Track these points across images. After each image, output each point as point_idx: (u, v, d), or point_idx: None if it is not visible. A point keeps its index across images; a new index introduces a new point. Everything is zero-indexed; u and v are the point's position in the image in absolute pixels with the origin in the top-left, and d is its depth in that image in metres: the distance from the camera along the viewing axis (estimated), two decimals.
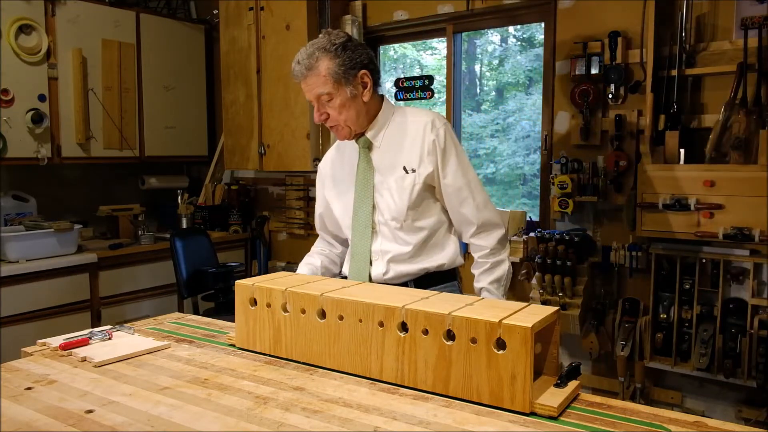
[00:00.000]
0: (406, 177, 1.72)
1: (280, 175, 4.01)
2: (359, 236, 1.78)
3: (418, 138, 1.73)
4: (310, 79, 1.67)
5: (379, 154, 1.77)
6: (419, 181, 1.71)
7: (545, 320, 1.15)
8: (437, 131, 1.72)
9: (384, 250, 1.76)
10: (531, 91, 5.06)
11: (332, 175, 1.91)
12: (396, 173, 1.73)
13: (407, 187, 1.71)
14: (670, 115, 2.56)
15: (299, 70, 1.68)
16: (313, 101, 1.71)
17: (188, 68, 4.16)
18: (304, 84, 1.69)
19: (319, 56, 1.65)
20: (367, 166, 1.77)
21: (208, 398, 1.16)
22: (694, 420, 1.08)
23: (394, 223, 1.74)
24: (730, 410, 2.61)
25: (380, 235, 1.77)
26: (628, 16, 2.69)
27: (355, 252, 1.80)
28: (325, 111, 1.70)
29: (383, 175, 1.75)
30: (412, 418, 1.08)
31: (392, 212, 1.73)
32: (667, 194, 2.46)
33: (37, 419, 1.07)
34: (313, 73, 1.66)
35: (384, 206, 1.75)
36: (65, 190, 3.79)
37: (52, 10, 3.37)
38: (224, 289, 3.16)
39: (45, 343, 1.47)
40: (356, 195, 1.79)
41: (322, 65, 1.65)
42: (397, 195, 1.72)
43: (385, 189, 1.75)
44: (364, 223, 1.77)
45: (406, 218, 1.72)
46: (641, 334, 2.67)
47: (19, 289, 3.00)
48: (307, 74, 1.67)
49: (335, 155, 1.94)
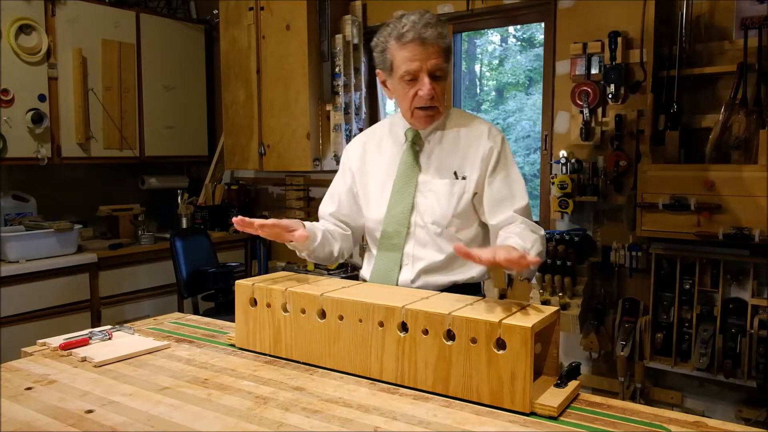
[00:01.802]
0: (456, 183, 1.62)
1: (280, 175, 4.01)
2: (391, 235, 1.66)
3: (473, 144, 1.63)
4: (436, 46, 1.50)
5: (427, 153, 1.66)
6: (469, 189, 1.61)
7: (545, 320, 1.15)
8: (494, 139, 1.63)
9: (417, 256, 1.64)
10: (531, 91, 5.06)
11: (363, 163, 1.76)
12: (444, 177, 1.63)
13: (456, 193, 1.61)
14: (670, 115, 2.55)
15: (430, 33, 1.49)
16: (422, 73, 1.52)
17: (188, 68, 4.16)
18: (425, 50, 1.50)
19: (443, 28, 1.50)
20: (412, 163, 1.65)
21: (208, 398, 1.16)
22: (694, 420, 1.08)
23: (434, 227, 1.62)
24: (730, 410, 2.61)
25: (414, 237, 1.64)
26: (628, 16, 2.69)
27: (384, 251, 1.68)
28: (434, 88, 1.53)
29: (429, 176, 1.64)
30: (412, 418, 1.08)
31: (435, 216, 1.62)
32: (667, 194, 2.46)
33: (37, 419, 1.07)
34: (439, 42, 1.50)
35: (425, 208, 1.63)
36: (65, 190, 3.79)
37: (52, 10, 3.37)
38: (224, 289, 3.16)
39: (45, 343, 1.47)
40: (394, 191, 1.66)
41: (446, 39, 1.50)
42: (444, 199, 1.61)
43: (429, 191, 1.63)
44: (399, 222, 1.64)
45: (449, 225, 1.61)
46: (641, 334, 2.67)
47: (19, 289, 3.00)
48: (434, 40, 1.49)
49: (370, 142, 1.78)
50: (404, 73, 1.54)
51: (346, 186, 1.79)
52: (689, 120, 2.59)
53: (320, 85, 3.50)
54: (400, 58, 1.54)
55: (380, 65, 1.63)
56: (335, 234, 1.76)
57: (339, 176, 1.83)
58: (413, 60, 1.51)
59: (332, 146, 3.50)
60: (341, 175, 1.81)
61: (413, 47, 1.50)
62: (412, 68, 1.52)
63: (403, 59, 1.53)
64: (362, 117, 3.59)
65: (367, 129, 1.86)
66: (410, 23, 1.51)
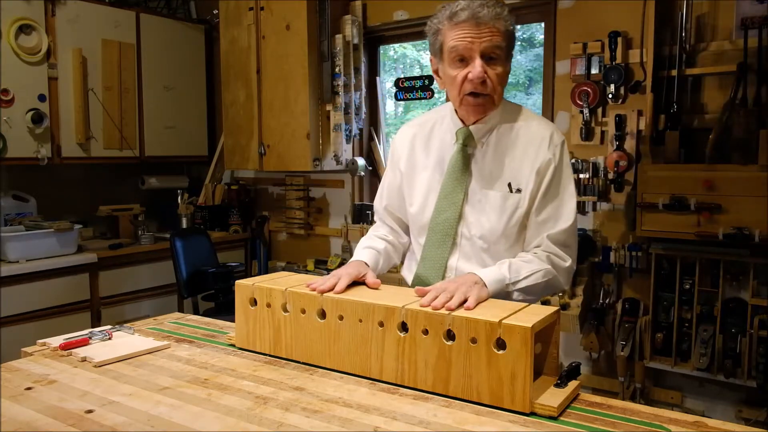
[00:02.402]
0: (509, 197, 1.48)
1: (280, 175, 4.01)
2: (436, 244, 1.54)
3: (531, 151, 1.49)
4: (492, 26, 1.39)
5: (481, 158, 1.52)
6: (524, 204, 1.48)
7: (545, 320, 1.15)
8: (554, 149, 1.48)
9: (460, 270, 1.51)
10: (531, 91, 5.06)
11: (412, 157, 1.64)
12: (497, 188, 1.50)
13: (509, 208, 1.48)
14: (670, 115, 2.56)
15: (486, 12, 1.38)
16: (473, 55, 1.40)
17: (188, 68, 4.15)
18: (479, 29, 1.39)
19: (504, 11, 1.41)
20: (462, 168, 1.52)
21: (208, 398, 1.16)
22: (694, 420, 1.08)
23: (481, 242, 1.50)
24: (730, 410, 2.61)
25: (460, 249, 1.53)
26: (628, 16, 2.69)
27: (427, 258, 1.56)
28: (487, 72, 1.41)
29: (481, 185, 1.51)
30: (412, 418, 1.08)
31: (483, 230, 1.50)
32: (667, 194, 2.46)
33: (37, 419, 1.07)
34: (496, 22, 1.39)
35: (473, 220, 1.51)
36: (65, 190, 3.79)
37: (52, 10, 3.37)
38: (224, 289, 3.16)
39: (45, 343, 1.47)
40: (441, 195, 1.54)
41: (506, 22, 1.41)
42: (494, 214, 1.49)
43: (478, 201, 1.51)
44: (445, 231, 1.53)
45: (498, 243, 1.50)
46: (641, 334, 2.67)
47: (19, 289, 3.00)
48: (491, 20, 1.39)
49: (420, 135, 1.64)
50: (454, 52, 1.41)
51: (396, 182, 1.69)
52: (689, 120, 2.59)
53: (320, 85, 3.50)
54: (450, 38, 1.42)
55: (432, 50, 1.51)
56: (391, 251, 1.68)
57: (389, 170, 1.72)
58: (464, 39, 1.39)
59: (332, 146, 3.50)
60: (390, 169, 1.71)
61: (466, 26, 1.39)
62: (463, 48, 1.40)
63: (453, 39, 1.41)
64: (362, 117, 3.59)
65: (417, 118, 1.72)
66: (466, 2, 1.41)
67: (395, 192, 1.70)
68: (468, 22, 1.39)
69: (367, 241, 1.67)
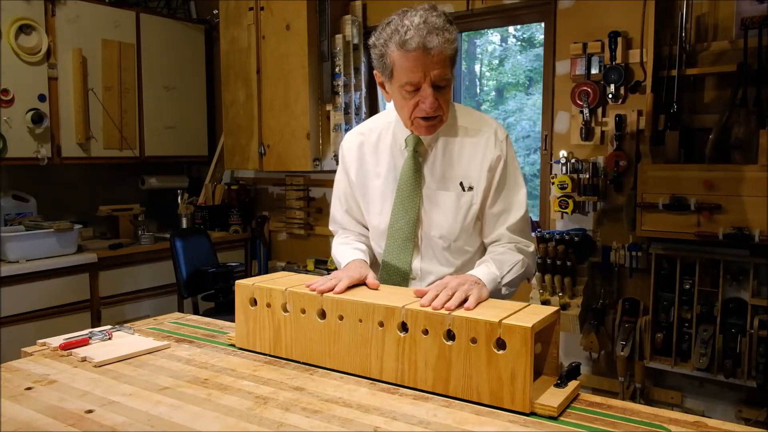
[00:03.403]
0: (463, 195, 1.53)
1: (280, 175, 4.01)
2: (397, 250, 1.57)
3: (479, 150, 1.53)
4: (440, 54, 1.36)
5: (431, 163, 1.56)
6: (477, 201, 1.53)
7: (545, 320, 1.15)
8: (501, 145, 1.53)
9: (426, 270, 1.57)
10: (531, 91, 5.06)
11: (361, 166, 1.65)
12: (450, 188, 1.54)
13: (464, 206, 1.53)
14: (670, 115, 2.55)
15: (434, 41, 1.34)
16: (423, 84, 1.39)
17: (188, 68, 4.15)
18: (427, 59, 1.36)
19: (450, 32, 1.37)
20: (415, 174, 1.55)
21: (208, 398, 1.16)
22: (694, 420, 1.08)
23: (442, 242, 1.55)
24: (730, 410, 2.61)
25: (421, 251, 1.57)
26: (628, 16, 2.69)
27: (389, 265, 1.59)
28: (437, 99, 1.42)
29: (434, 187, 1.55)
30: (412, 418, 1.08)
31: (442, 230, 1.55)
32: (667, 194, 2.46)
33: (37, 419, 1.07)
34: (444, 49, 1.36)
35: (431, 223, 1.55)
36: (65, 190, 3.79)
37: (52, 10, 3.37)
38: (224, 289, 3.16)
39: (45, 343, 1.47)
40: (397, 202, 1.57)
41: (452, 45, 1.38)
42: (451, 214, 1.54)
43: (434, 204, 1.55)
44: (405, 236, 1.56)
45: (457, 239, 1.55)
46: (641, 334, 2.67)
47: (19, 289, 3.00)
48: (439, 48, 1.35)
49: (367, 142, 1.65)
50: (405, 83, 1.41)
51: (349, 190, 1.71)
52: (689, 120, 2.59)
53: (320, 85, 3.50)
54: (400, 67, 1.40)
55: (378, 68, 1.49)
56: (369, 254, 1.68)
57: (341, 177, 1.74)
58: (415, 71, 1.38)
59: (332, 146, 3.50)
60: (342, 175, 1.73)
61: (416, 56, 1.36)
62: (414, 79, 1.39)
63: (404, 69, 1.40)
64: (362, 117, 3.59)
65: (362, 124, 1.72)
66: (414, 28, 1.36)
67: (352, 198, 1.71)
68: (416, 51, 1.36)
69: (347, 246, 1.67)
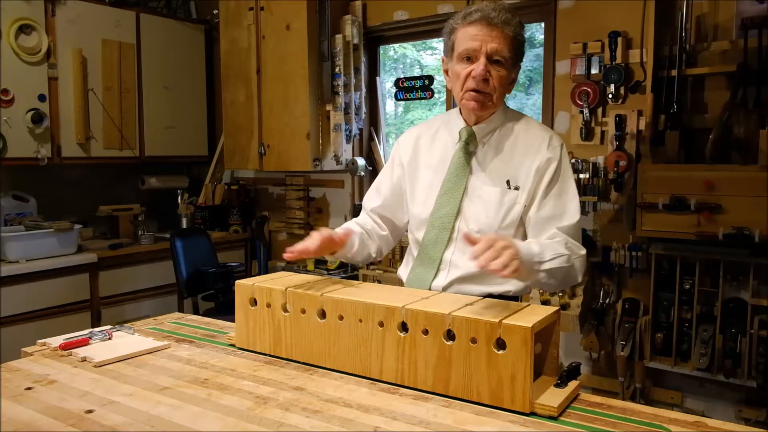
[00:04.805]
0: (507, 193, 1.53)
1: (280, 175, 4.01)
2: (433, 239, 1.58)
3: (531, 152, 1.54)
4: (501, 31, 1.47)
5: (481, 157, 1.58)
6: (521, 201, 1.53)
7: (545, 320, 1.15)
8: (554, 149, 1.54)
9: (454, 263, 1.56)
10: (531, 91, 5.06)
11: (415, 157, 1.68)
12: (496, 184, 1.55)
13: (506, 203, 1.53)
14: (670, 115, 2.55)
15: (496, 16, 1.47)
16: (479, 54, 1.48)
17: (188, 68, 4.15)
18: (489, 31, 1.47)
19: (515, 20, 1.50)
20: (464, 165, 1.57)
21: (208, 398, 1.16)
22: (694, 420, 1.08)
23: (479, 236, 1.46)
24: (730, 410, 2.61)
25: (455, 244, 1.57)
26: (628, 16, 2.69)
27: (424, 254, 1.60)
28: (490, 72, 1.48)
29: (480, 181, 1.56)
30: (412, 418, 1.08)
31: (480, 224, 1.54)
32: (667, 194, 2.46)
33: (37, 419, 1.07)
34: (505, 28, 1.48)
35: (471, 215, 1.55)
36: (65, 190, 3.78)
37: (52, 10, 3.37)
38: (224, 289, 3.16)
39: (45, 343, 1.47)
40: (442, 192, 1.59)
41: (515, 30, 1.50)
42: (492, 209, 1.53)
43: (477, 197, 1.55)
44: (443, 225, 1.57)
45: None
46: (641, 334, 2.67)
47: (19, 289, 3.00)
48: (500, 25, 1.47)
49: (424, 135, 1.70)
50: (463, 50, 1.50)
51: (394, 180, 1.72)
52: (689, 120, 2.59)
53: (320, 85, 3.50)
54: (461, 38, 1.51)
55: (444, 49, 1.59)
56: (373, 234, 1.72)
57: (387, 169, 1.76)
58: (474, 38, 1.48)
59: (332, 146, 3.50)
60: (389, 168, 1.75)
61: (477, 26, 1.48)
62: (471, 46, 1.48)
63: (464, 38, 1.50)
64: (362, 117, 3.60)
65: (423, 122, 1.79)
66: (477, 6, 1.51)
67: (390, 193, 1.73)
68: (480, 22, 1.48)
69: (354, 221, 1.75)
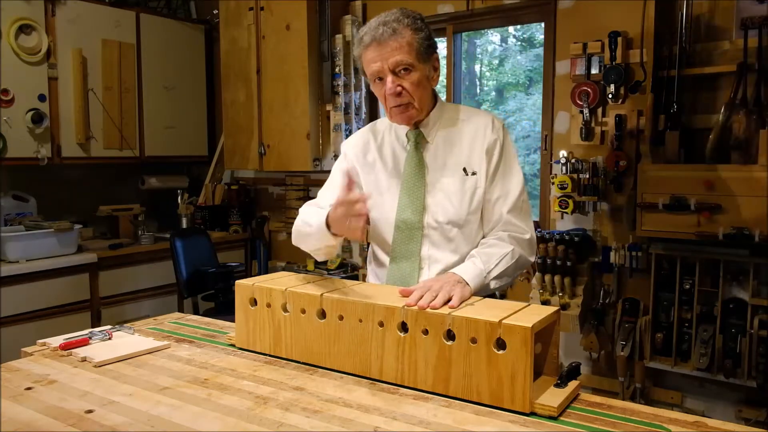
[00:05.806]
0: (466, 179, 1.58)
1: (280, 175, 4.01)
2: (405, 239, 1.60)
3: (478, 136, 1.60)
4: (393, 43, 1.49)
5: (433, 152, 1.62)
6: (481, 185, 1.58)
7: (545, 320, 1.15)
8: (497, 131, 1.59)
9: (433, 258, 1.59)
10: (531, 91, 5.06)
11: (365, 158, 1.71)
12: (454, 174, 1.59)
13: (468, 190, 1.58)
14: (670, 115, 2.55)
15: (383, 32, 1.49)
16: (385, 72, 1.51)
17: (188, 68, 4.15)
18: (382, 49, 1.50)
19: (405, 23, 1.50)
20: (418, 164, 1.61)
21: (208, 398, 1.16)
22: (694, 420, 1.08)
23: (449, 227, 1.58)
24: (730, 410, 2.61)
25: (428, 239, 1.59)
26: (628, 16, 2.69)
27: (399, 255, 1.62)
28: (401, 84, 1.51)
29: (438, 173, 1.60)
30: (412, 418, 1.08)
31: (449, 215, 1.58)
32: (667, 194, 2.46)
33: (37, 419, 1.07)
34: (396, 38, 1.49)
35: (437, 209, 1.59)
36: (65, 190, 3.78)
37: (52, 10, 3.37)
38: (224, 289, 3.16)
39: (45, 343, 1.47)
40: (403, 194, 1.61)
41: (407, 33, 1.50)
42: (456, 198, 1.58)
43: (438, 190, 1.59)
44: (412, 225, 1.59)
45: (466, 224, 1.58)
46: (641, 334, 2.67)
47: (19, 289, 3.00)
48: (390, 38, 1.49)
49: (372, 140, 1.72)
50: (371, 75, 1.55)
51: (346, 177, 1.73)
52: (689, 120, 2.59)
53: (320, 85, 3.50)
54: (366, 64, 1.55)
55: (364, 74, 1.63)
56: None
57: (337, 169, 1.78)
58: (373, 61, 1.52)
59: (332, 146, 3.50)
60: (339, 168, 1.76)
61: (371, 49, 1.51)
62: (374, 69, 1.52)
63: (366, 62, 1.54)
64: (362, 117, 3.59)
65: (367, 125, 1.81)
66: (368, 27, 1.53)
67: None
68: (371, 45, 1.51)
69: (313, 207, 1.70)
